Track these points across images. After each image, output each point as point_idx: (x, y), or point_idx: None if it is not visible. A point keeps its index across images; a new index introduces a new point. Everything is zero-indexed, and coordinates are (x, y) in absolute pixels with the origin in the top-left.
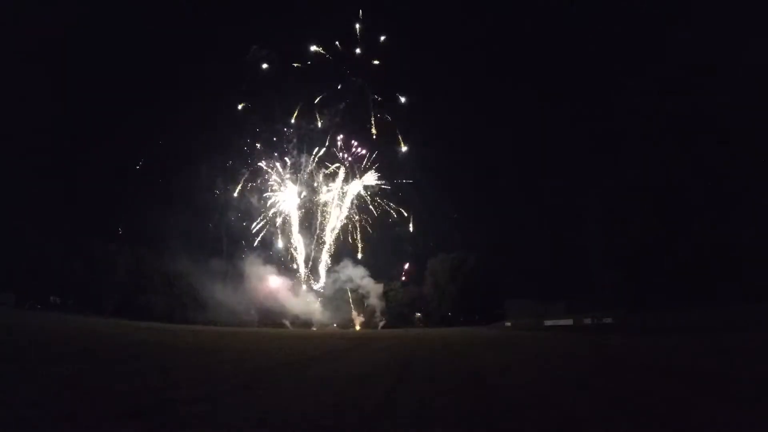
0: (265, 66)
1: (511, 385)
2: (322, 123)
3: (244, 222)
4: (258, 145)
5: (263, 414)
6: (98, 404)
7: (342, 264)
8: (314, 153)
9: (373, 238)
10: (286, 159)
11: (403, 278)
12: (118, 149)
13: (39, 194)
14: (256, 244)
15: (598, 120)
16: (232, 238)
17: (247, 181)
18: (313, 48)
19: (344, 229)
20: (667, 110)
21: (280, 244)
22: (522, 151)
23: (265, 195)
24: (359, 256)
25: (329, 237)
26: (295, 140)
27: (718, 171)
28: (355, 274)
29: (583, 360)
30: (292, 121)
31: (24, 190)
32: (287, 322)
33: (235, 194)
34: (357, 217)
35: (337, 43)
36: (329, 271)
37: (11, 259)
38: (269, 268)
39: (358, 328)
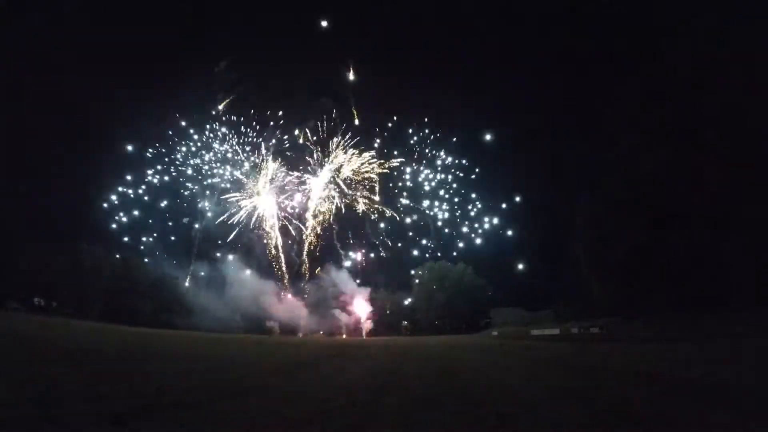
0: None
1: (499, 394)
2: (297, 136)
3: (227, 229)
4: (239, 156)
5: (249, 421)
6: (81, 408)
7: (325, 269)
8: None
9: (356, 244)
10: (262, 166)
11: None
12: (100, 152)
13: (23, 196)
14: (239, 250)
15: (589, 128)
16: (216, 245)
17: (226, 189)
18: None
19: (325, 233)
20: (658, 119)
21: (262, 249)
22: (510, 158)
23: (244, 202)
24: (344, 261)
25: (306, 244)
26: (270, 149)
27: (709, 180)
28: (339, 279)
29: (570, 369)
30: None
31: (7, 191)
32: (274, 327)
33: (216, 201)
34: (336, 226)
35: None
36: (313, 276)
37: None
38: (253, 274)
39: (344, 335)
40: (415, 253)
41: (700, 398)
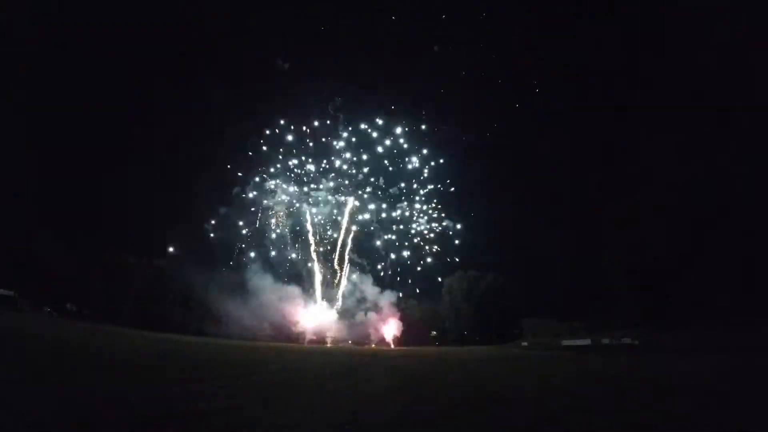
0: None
1: (524, 403)
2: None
3: (256, 237)
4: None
5: (279, 429)
6: (112, 413)
7: (351, 276)
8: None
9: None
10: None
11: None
12: (138, 163)
13: (60, 203)
14: (267, 258)
15: (616, 137)
16: (245, 253)
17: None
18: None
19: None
20: (692, 126)
21: (291, 258)
22: (540, 170)
23: (273, 212)
24: (367, 268)
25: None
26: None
27: (745, 188)
28: (365, 286)
29: (599, 380)
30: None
31: (45, 199)
32: (306, 335)
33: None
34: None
35: None
36: (340, 284)
37: (30, 265)
38: (279, 282)
39: (374, 345)
40: (444, 260)
41: (733, 412)
